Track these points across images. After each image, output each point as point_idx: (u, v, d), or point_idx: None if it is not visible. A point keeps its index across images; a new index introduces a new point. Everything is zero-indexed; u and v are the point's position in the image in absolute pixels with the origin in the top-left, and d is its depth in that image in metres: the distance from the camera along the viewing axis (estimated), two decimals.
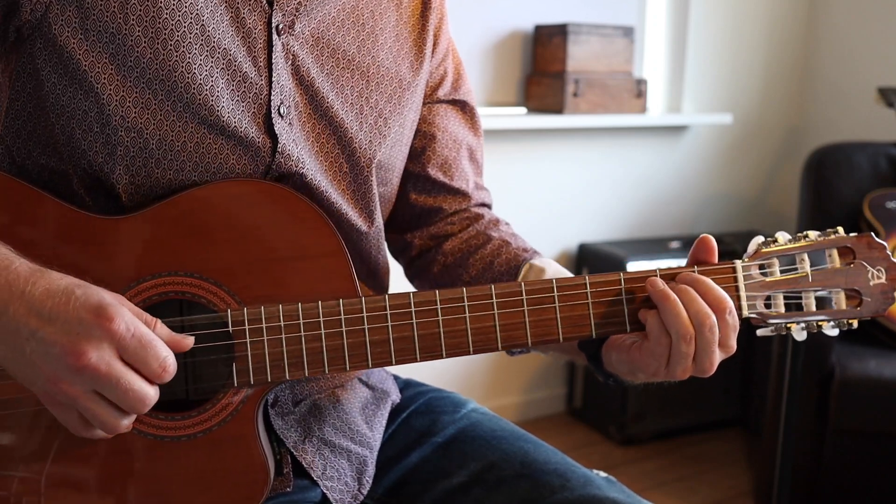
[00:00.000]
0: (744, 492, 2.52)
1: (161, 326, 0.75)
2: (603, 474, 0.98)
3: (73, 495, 0.80)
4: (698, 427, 2.89)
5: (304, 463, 0.90)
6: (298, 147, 0.88)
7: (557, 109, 2.73)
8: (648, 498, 0.97)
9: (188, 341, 0.77)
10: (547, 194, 2.90)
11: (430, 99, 1.04)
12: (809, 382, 2.17)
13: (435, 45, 1.03)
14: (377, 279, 1.02)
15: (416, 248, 1.07)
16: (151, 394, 0.72)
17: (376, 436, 0.99)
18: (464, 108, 1.08)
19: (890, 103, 2.55)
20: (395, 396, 1.07)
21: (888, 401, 2.12)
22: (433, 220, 1.06)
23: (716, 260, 0.86)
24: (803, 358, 2.14)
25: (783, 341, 2.19)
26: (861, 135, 2.96)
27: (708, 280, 0.82)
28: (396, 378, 1.12)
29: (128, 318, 0.71)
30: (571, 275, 0.96)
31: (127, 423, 0.74)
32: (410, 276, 1.10)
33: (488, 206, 1.11)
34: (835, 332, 0.87)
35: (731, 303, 0.81)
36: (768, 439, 2.27)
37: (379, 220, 0.98)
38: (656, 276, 0.84)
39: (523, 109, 2.85)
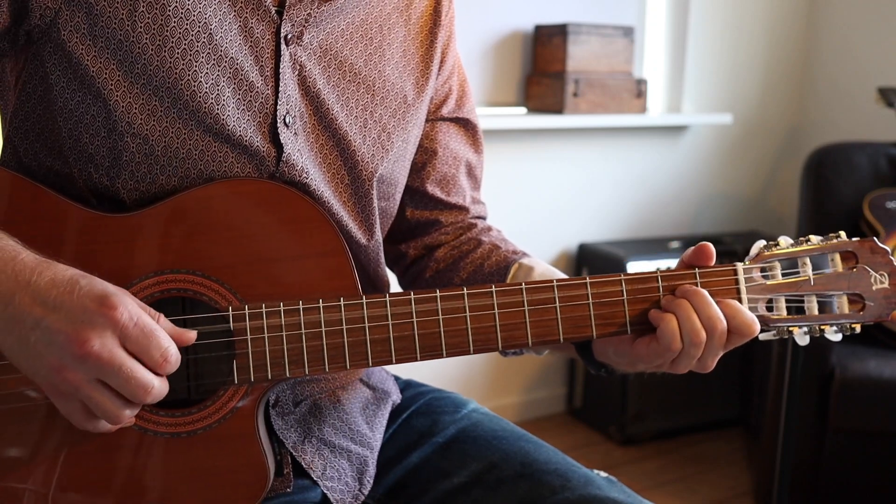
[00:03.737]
0: (744, 492, 2.52)
1: (164, 321, 0.75)
2: (603, 474, 0.98)
3: (72, 490, 0.80)
4: (698, 427, 2.89)
5: (303, 463, 0.90)
6: (303, 157, 0.89)
7: (557, 109, 2.73)
8: (648, 498, 0.97)
9: (191, 335, 0.77)
10: (547, 194, 2.90)
11: (434, 116, 1.05)
12: (809, 382, 2.17)
13: (442, 62, 1.03)
14: (377, 292, 1.02)
15: (410, 258, 1.08)
16: (155, 383, 0.72)
17: (377, 436, 0.99)
18: (466, 125, 1.09)
19: (890, 103, 2.55)
20: (396, 397, 1.07)
21: (888, 401, 2.12)
22: (429, 231, 1.07)
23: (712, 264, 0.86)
24: (803, 358, 2.13)
25: (784, 341, 2.19)
26: (861, 135, 2.96)
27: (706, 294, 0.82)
28: (397, 378, 1.13)
29: (131, 307, 0.71)
30: (563, 274, 0.97)
31: (130, 413, 0.74)
32: (405, 285, 1.11)
33: (483, 219, 1.12)
34: (837, 337, 0.87)
35: (724, 322, 0.81)
36: (768, 439, 2.27)
37: (378, 234, 0.98)
38: (657, 276, 0.84)
39: (523, 109, 2.85)
